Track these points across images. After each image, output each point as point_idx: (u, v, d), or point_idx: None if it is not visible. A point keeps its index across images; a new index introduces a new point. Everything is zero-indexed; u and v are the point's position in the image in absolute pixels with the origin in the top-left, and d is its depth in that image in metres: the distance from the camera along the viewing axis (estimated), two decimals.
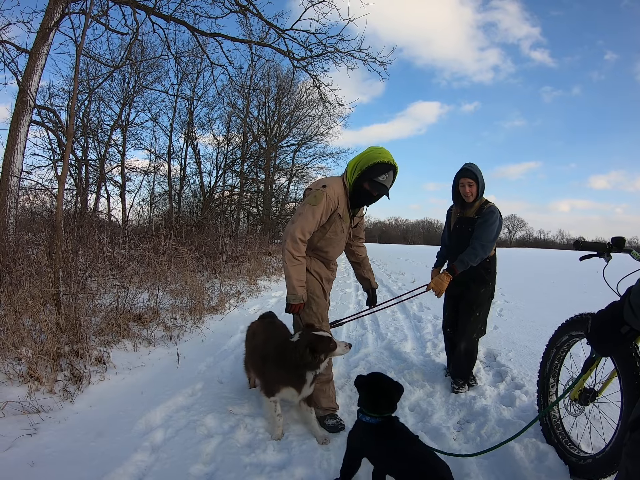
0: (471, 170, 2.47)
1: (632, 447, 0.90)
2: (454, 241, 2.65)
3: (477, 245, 2.39)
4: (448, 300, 2.74)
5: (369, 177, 2.04)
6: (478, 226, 2.47)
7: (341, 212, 2.11)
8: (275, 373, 1.91)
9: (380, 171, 2.03)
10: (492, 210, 2.48)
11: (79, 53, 3.26)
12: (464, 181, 2.49)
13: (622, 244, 1.73)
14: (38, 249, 3.85)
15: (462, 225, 2.58)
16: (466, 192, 2.48)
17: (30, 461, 1.58)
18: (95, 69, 10.59)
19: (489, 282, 2.57)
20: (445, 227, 2.84)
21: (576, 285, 7.68)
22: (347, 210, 2.16)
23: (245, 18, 6.47)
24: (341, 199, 2.10)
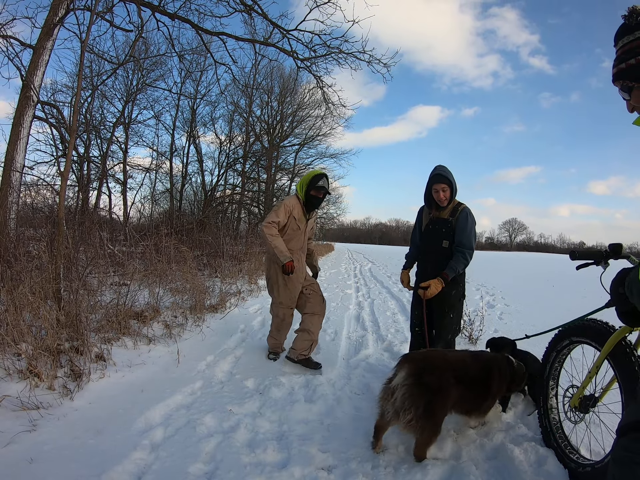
0: (445, 175, 2.56)
1: (620, 452, 0.89)
2: (426, 241, 2.72)
3: (465, 253, 2.56)
4: (419, 300, 2.75)
5: (312, 186, 2.96)
6: (459, 233, 2.56)
7: (295, 214, 2.99)
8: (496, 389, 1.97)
9: (317, 179, 2.97)
10: (467, 213, 2.60)
11: (83, 49, 3.26)
12: (438, 187, 2.56)
13: (619, 251, 1.71)
14: (39, 245, 3.85)
15: (435, 226, 2.65)
16: (440, 198, 2.57)
17: (29, 457, 1.58)
18: (99, 66, 10.59)
19: (460, 284, 2.65)
20: (416, 228, 2.88)
21: (576, 290, 7.67)
22: (303, 214, 3.04)
23: (250, 17, 6.48)
24: (295, 206, 3.00)
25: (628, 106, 1.10)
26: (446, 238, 2.61)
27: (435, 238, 2.64)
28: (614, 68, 1.10)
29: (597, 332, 1.63)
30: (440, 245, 2.62)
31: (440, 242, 2.61)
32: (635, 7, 1.07)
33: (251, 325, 4.08)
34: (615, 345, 1.51)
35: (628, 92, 1.07)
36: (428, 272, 2.65)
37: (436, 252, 2.64)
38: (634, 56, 1.03)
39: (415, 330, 2.81)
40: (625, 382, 1.46)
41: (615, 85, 1.12)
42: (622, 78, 1.06)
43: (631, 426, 0.89)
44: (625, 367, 1.47)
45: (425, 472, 1.66)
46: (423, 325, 2.69)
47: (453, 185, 2.57)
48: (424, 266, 2.74)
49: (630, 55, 1.04)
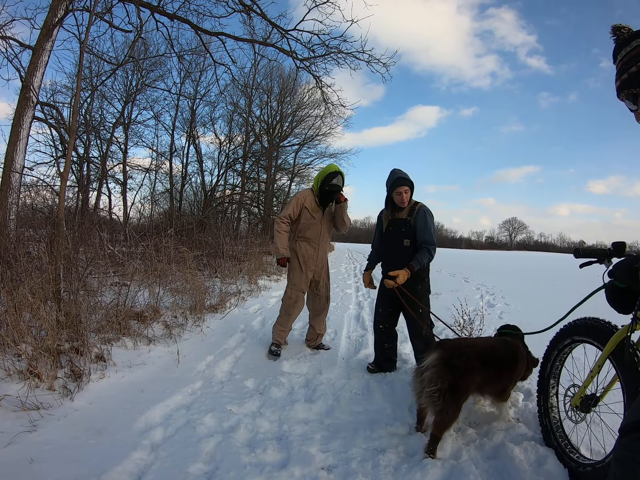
0: (407, 178, 2.70)
1: (622, 452, 0.89)
2: (387, 242, 2.82)
3: (430, 249, 2.69)
4: (383, 299, 2.87)
5: (327, 183, 3.11)
6: (421, 231, 2.68)
7: (308, 206, 3.19)
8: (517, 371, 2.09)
9: (332, 177, 3.13)
10: (425, 211, 2.72)
11: (82, 50, 3.26)
12: (401, 189, 2.67)
13: (622, 249, 1.71)
14: (39, 246, 3.85)
15: (395, 226, 2.77)
16: (403, 199, 2.69)
17: (29, 458, 1.58)
18: (98, 66, 10.60)
19: (425, 279, 2.79)
20: (377, 231, 2.96)
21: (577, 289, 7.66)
22: (317, 205, 3.21)
23: (249, 18, 6.48)
24: (307, 198, 3.21)
25: (636, 116, 1.11)
26: (406, 237, 2.72)
27: (397, 238, 2.75)
28: (617, 81, 1.11)
29: (599, 331, 1.62)
30: (402, 244, 2.73)
31: (402, 241, 2.73)
32: (615, 25, 1.12)
33: (251, 325, 4.08)
34: (617, 344, 1.50)
35: (634, 101, 1.08)
36: (392, 270, 2.69)
37: (398, 251, 2.74)
38: (635, 63, 1.05)
39: (379, 327, 2.88)
40: (628, 382, 1.45)
41: (620, 100, 1.13)
42: (627, 87, 1.08)
43: (633, 426, 0.89)
44: (627, 366, 1.46)
45: (425, 471, 1.66)
46: (386, 323, 2.84)
47: (413, 188, 2.72)
48: (388, 265, 2.80)
49: (631, 64, 1.06)
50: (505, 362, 2.04)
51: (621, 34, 1.10)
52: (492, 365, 1.96)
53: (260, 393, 2.40)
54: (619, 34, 1.11)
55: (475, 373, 1.89)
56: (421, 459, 1.74)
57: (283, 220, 3.16)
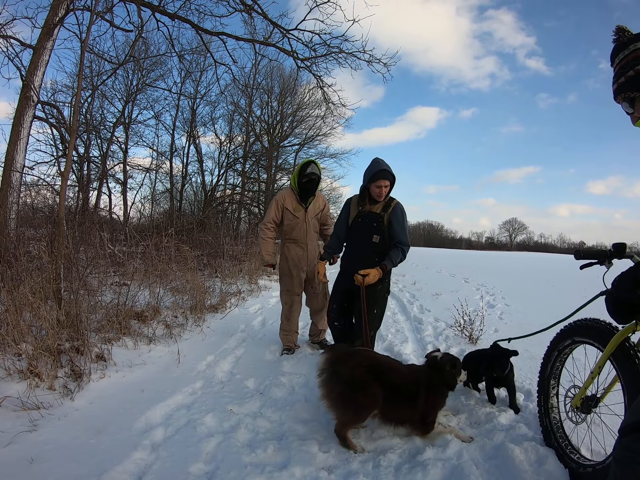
0: (390, 172, 2.52)
1: (622, 452, 0.90)
2: (356, 234, 2.63)
3: (405, 250, 2.60)
4: (339, 295, 2.73)
5: (302, 174, 3.06)
6: (397, 230, 2.56)
7: (288, 206, 3.14)
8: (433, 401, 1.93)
9: (305, 167, 3.08)
10: (401, 208, 2.61)
11: (83, 49, 3.26)
12: (381, 183, 2.50)
13: (623, 250, 1.71)
14: (39, 245, 3.85)
15: (366, 219, 2.59)
16: (381, 193, 2.53)
17: (29, 457, 1.58)
18: (99, 66, 10.59)
19: (385, 279, 2.65)
20: (342, 220, 2.73)
21: (577, 290, 7.67)
22: (298, 203, 3.16)
23: (250, 17, 6.47)
24: (287, 198, 3.16)
25: (633, 120, 1.12)
26: (377, 233, 2.57)
27: (366, 232, 2.59)
28: (614, 85, 1.12)
29: (600, 332, 1.62)
30: (371, 239, 2.57)
31: (371, 236, 2.57)
32: (620, 26, 1.12)
33: (251, 325, 4.08)
34: (618, 345, 1.50)
35: (631, 104, 1.08)
36: (356, 266, 2.55)
37: (366, 246, 2.59)
38: (632, 67, 1.06)
39: (335, 325, 2.77)
40: (628, 383, 1.45)
41: (617, 102, 1.14)
42: (624, 91, 1.09)
43: (633, 426, 0.90)
44: (627, 367, 1.46)
45: (426, 471, 1.66)
46: (342, 320, 2.73)
47: (394, 182, 2.57)
48: (352, 260, 2.64)
49: (628, 68, 1.08)
50: (404, 387, 1.92)
51: (623, 37, 1.11)
52: (391, 388, 1.89)
53: (261, 393, 2.40)
54: (620, 36, 1.11)
55: (369, 385, 1.85)
56: (422, 460, 1.74)
57: (268, 227, 3.15)
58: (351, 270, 2.58)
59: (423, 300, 6.04)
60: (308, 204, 3.19)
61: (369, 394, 1.85)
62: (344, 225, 2.71)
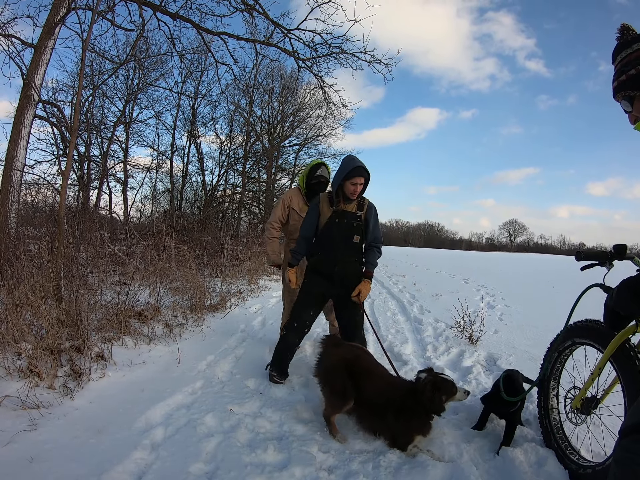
0: (366, 169, 2.46)
1: (622, 454, 0.90)
2: (334, 235, 2.50)
3: (380, 249, 2.61)
4: (312, 299, 2.57)
5: (312, 176, 3.02)
6: (374, 229, 2.55)
7: (295, 206, 3.09)
8: (406, 422, 1.83)
9: (316, 169, 3.03)
10: (374, 207, 2.60)
11: (84, 48, 3.26)
12: (357, 180, 2.42)
13: (624, 252, 1.72)
14: (39, 244, 3.85)
15: (344, 219, 2.50)
16: (356, 190, 2.45)
17: (29, 457, 1.57)
18: (99, 65, 10.60)
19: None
20: (312, 220, 2.56)
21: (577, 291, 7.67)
22: (305, 204, 3.09)
23: (251, 17, 6.47)
24: (294, 198, 3.11)
25: (630, 118, 1.12)
26: (357, 233, 2.50)
27: (346, 233, 2.49)
28: (614, 82, 1.12)
29: (600, 334, 1.63)
30: (352, 240, 2.50)
31: (352, 237, 2.49)
32: (625, 24, 1.11)
33: (252, 325, 4.07)
34: (618, 347, 1.50)
35: (630, 103, 1.08)
36: (337, 270, 2.49)
37: (347, 247, 2.50)
38: (634, 66, 1.06)
39: (305, 331, 2.61)
40: (628, 384, 1.45)
41: (616, 100, 1.14)
42: (624, 89, 1.09)
43: (633, 428, 0.90)
44: (628, 369, 1.46)
45: (426, 472, 1.66)
46: (310, 325, 2.61)
47: (369, 180, 2.51)
48: (331, 262, 2.51)
49: (630, 67, 1.08)
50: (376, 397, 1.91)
51: (627, 35, 1.11)
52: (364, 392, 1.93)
53: (261, 393, 2.40)
54: (624, 34, 1.11)
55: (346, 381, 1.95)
56: (422, 460, 1.74)
57: (274, 226, 3.10)
58: (330, 273, 2.50)
59: (423, 300, 6.04)
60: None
61: (341, 386, 1.96)
62: (313, 226, 2.56)
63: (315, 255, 2.57)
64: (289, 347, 2.58)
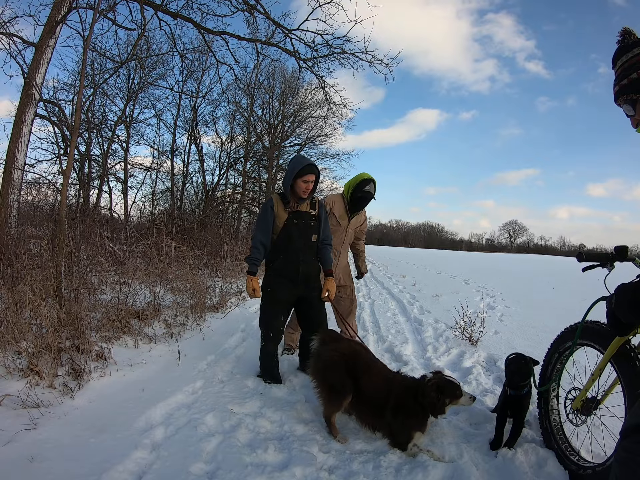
0: (316, 166, 2.51)
1: (623, 454, 0.90)
2: (296, 236, 2.49)
3: (331, 245, 2.67)
4: (280, 307, 2.56)
5: (359, 190, 2.97)
6: (325, 227, 2.61)
7: (336, 211, 3.04)
8: (405, 419, 1.83)
9: (364, 184, 2.97)
10: (324, 205, 2.68)
11: (86, 47, 3.26)
12: (308, 178, 2.43)
13: (625, 253, 1.72)
14: (40, 243, 3.85)
15: (302, 220, 2.52)
16: (308, 188, 2.46)
17: (29, 456, 1.57)
18: (100, 64, 10.60)
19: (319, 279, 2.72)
20: (268, 224, 2.50)
21: (577, 292, 7.67)
22: (345, 212, 3.07)
23: (252, 17, 6.47)
24: (336, 204, 3.06)
25: (633, 122, 1.12)
26: (315, 232, 2.55)
27: (306, 233, 2.52)
28: (616, 86, 1.13)
29: (601, 335, 1.63)
30: (311, 239, 2.54)
31: (311, 236, 2.54)
32: (626, 28, 1.12)
33: (252, 324, 4.07)
34: (618, 348, 1.50)
35: (632, 106, 1.09)
36: (301, 271, 2.50)
37: (307, 247, 2.53)
38: (636, 70, 1.06)
39: (280, 337, 2.63)
40: (628, 385, 1.45)
41: (618, 105, 1.14)
42: (626, 92, 1.09)
43: (633, 429, 0.90)
44: (628, 370, 1.46)
45: (427, 472, 1.66)
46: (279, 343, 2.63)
47: (319, 178, 2.54)
48: (294, 263, 2.50)
49: (631, 71, 1.08)
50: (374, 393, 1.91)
51: (628, 39, 1.11)
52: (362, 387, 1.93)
53: (261, 393, 2.40)
54: (626, 38, 1.11)
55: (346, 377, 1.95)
56: (423, 460, 1.74)
57: None
58: (295, 275, 2.51)
59: (423, 301, 6.04)
60: (353, 215, 3.13)
61: (339, 383, 1.94)
62: (269, 230, 2.51)
63: (277, 260, 2.53)
64: (271, 356, 2.60)
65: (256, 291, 2.51)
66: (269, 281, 2.54)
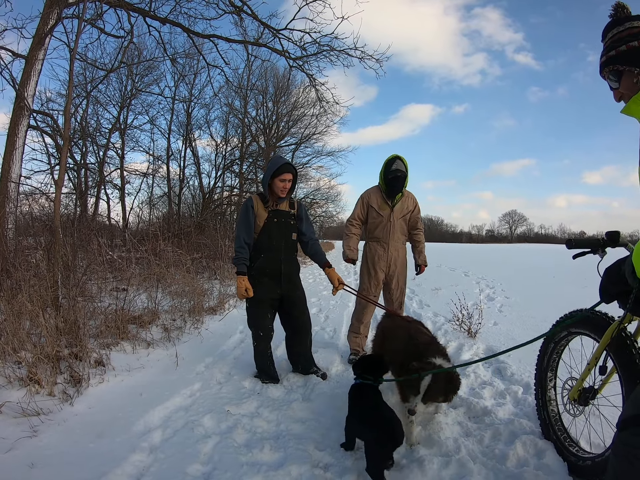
0: (293, 165, 2.57)
1: (620, 446, 0.89)
2: (277, 235, 2.53)
3: (317, 239, 2.76)
4: (266, 307, 2.57)
5: (388, 171, 2.97)
6: (308, 225, 2.69)
7: (374, 204, 3.07)
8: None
9: (391, 164, 2.97)
10: (303, 204, 2.75)
11: (72, 57, 3.28)
12: (286, 177, 2.48)
13: (617, 239, 1.66)
14: (37, 253, 3.88)
15: (282, 219, 2.57)
16: (286, 187, 2.51)
17: (29, 462, 1.60)
18: (92, 73, 10.61)
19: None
20: (249, 223, 2.51)
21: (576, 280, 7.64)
22: (384, 201, 3.06)
23: (240, 19, 6.47)
24: (373, 195, 3.10)
25: (615, 95, 1.12)
26: (294, 231, 2.62)
27: (287, 232, 2.58)
28: (602, 57, 1.12)
29: (595, 324, 1.59)
30: (291, 238, 2.60)
31: (291, 235, 2.60)
32: (620, 2, 1.11)
33: None
34: (614, 336, 1.46)
35: (617, 79, 1.08)
36: (283, 270, 2.55)
37: (288, 246, 2.59)
38: (625, 43, 1.06)
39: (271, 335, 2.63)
40: (625, 374, 1.42)
41: (602, 76, 1.14)
42: (613, 63, 1.09)
43: (630, 420, 0.89)
44: (624, 358, 1.43)
45: (423, 467, 1.66)
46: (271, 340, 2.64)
47: (296, 178, 2.58)
48: (278, 264, 2.55)
49: (621, 43, 1.08)
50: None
51: (621, 13, 1.11)
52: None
53: (258, 393, 2.42)
54: (618, 12, 1.11)
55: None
56: (419, 456, 1.74)
57: (352, 223, 3.11)
58: (277, 273, 2.54)
59: (422, 295, 6.05)
60: (395, 202, 3.06)
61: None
62: (252, 229, 2.52)
63: (259, 259, 2.54)
64: (265, 355, 2.63)
65: (249, 290, 2.50)
66: (252, 281, 2.52)
